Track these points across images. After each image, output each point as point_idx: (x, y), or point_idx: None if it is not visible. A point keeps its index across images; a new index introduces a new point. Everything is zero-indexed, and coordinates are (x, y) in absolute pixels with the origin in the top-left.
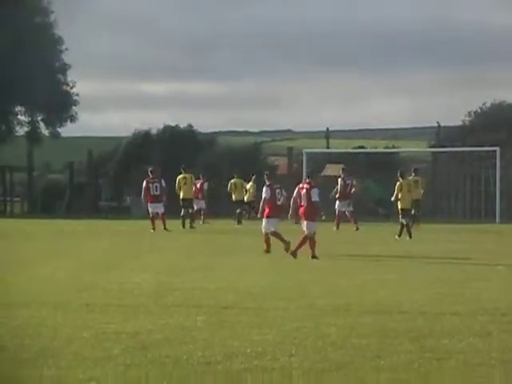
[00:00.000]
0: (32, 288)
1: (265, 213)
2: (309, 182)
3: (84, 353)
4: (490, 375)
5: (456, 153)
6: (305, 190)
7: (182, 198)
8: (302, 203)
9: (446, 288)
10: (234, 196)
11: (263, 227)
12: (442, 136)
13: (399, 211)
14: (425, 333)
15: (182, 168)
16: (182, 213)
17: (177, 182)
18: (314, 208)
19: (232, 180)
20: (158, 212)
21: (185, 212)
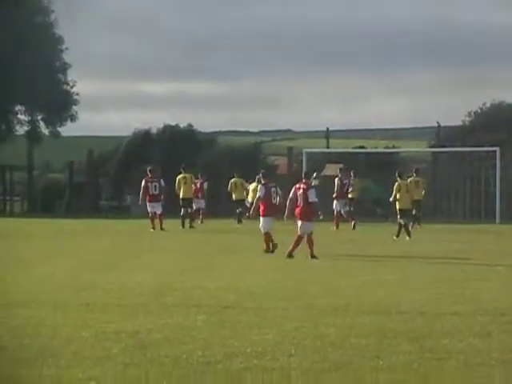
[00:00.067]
0: (31, 287)
1: (260, 211)
2: (305, 182)
3: (83, 352)
4: (490, 375)
5: (456, 153)
6: (301, 191)
7: (182, 197)
8: (298, 203)
9: (445, 288)
10: (234, 195)
11: (262, 227)
12: (441, 136)
13: (397, 211)
14: (424, 333)
15: (181, 168)
16: (182, 212)
17: (177, 182)
18: (310, 208)
19: (232, 179)
20: (156, 212)
21: (184, 212)
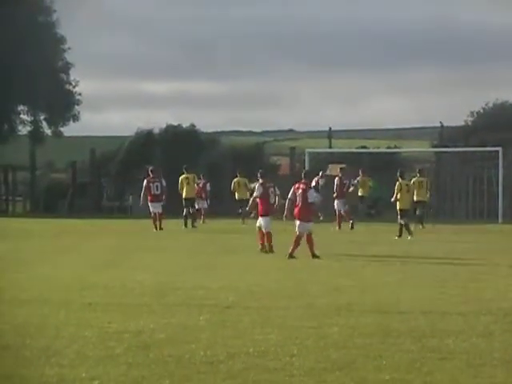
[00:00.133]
0: (34, 287)
1: (259, 211)
2: (305, 182)
3: (86, 352)
4: (493, 375)
5: (459, 153)
6: (301, 191)
7: (185, 197)
8: (296, 203)
9: (448, 288)
10: (237, 195)
11: (263, 227)
12: (444, 136)
13: (398, 212)
14: (427, 333)
15: (184, 168)
16: (184, 212)
17: (180, 182)
18: (308, 209)
19: (235, 179)
20: (156, 212)
21: (187, 212)
